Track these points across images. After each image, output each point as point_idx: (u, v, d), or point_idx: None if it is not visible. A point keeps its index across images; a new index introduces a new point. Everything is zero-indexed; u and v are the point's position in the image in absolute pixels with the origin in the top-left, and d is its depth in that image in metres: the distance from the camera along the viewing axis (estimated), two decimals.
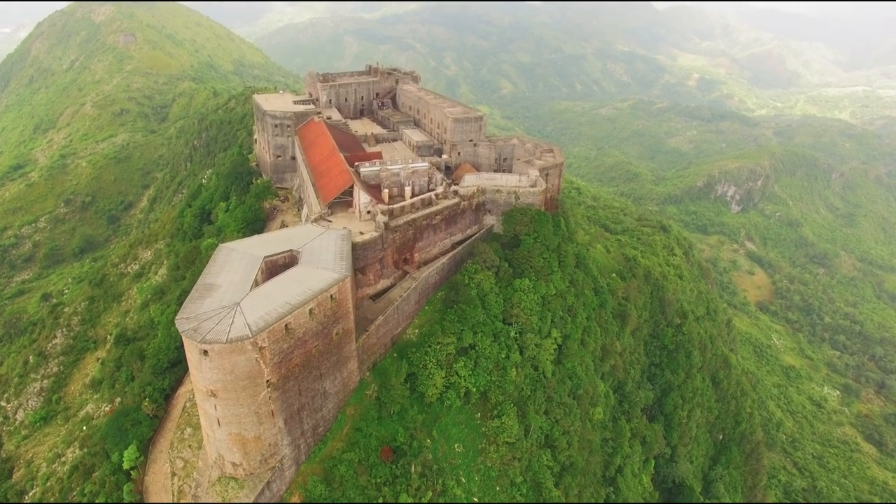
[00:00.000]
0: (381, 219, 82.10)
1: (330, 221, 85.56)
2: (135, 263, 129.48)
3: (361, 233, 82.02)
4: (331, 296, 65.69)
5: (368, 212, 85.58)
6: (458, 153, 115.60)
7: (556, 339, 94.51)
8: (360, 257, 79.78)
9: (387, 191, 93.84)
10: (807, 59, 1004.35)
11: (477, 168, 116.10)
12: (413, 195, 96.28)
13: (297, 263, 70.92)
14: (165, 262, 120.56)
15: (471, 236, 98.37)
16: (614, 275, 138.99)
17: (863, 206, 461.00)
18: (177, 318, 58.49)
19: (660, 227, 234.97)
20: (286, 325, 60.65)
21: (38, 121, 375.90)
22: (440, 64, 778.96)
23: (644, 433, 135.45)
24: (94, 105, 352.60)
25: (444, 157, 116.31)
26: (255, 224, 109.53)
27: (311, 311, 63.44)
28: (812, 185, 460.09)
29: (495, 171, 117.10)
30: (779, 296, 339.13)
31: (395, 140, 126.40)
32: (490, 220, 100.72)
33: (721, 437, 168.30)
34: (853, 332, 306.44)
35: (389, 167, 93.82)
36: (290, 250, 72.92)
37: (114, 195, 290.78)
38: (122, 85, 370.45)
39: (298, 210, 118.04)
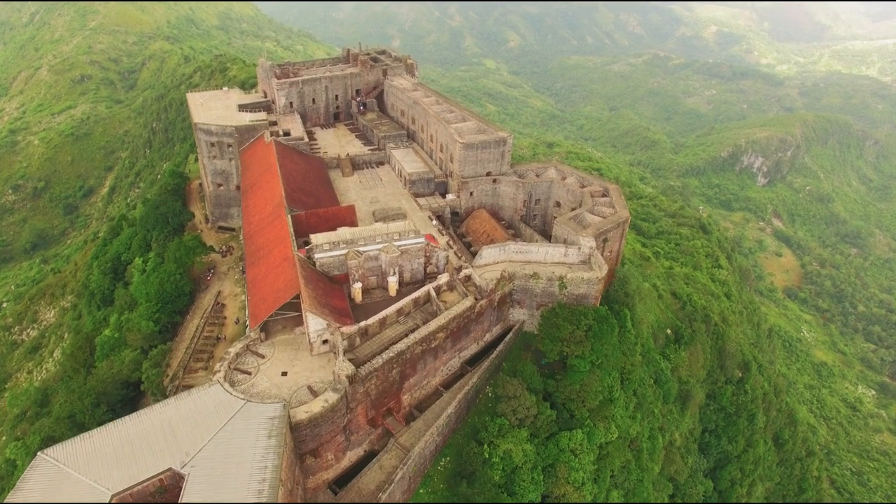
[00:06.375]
0: (344, 367, 48.15)
1: (262, 357, 51.86)
2: (33, 328, 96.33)
3: (311, 390, 48.42)
4: None
5: (325, 341, 51.90)
6: (471, 193, 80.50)
7: None
8: (310, 437, 46.59)
9: (359, 285, 59.75)
10: (835, 11, 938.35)
11: (496, 214, 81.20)
12: (401, 285, 62.29)
13: (179, 498, 37.93)
14: (66, 336, 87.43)
15: (490, 344, 64.63)
16: (669, 331, 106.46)
17: None
18: None
19: (699, 227, 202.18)
20: None
21: None
22: (444, 14, 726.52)
23: None
24: (50, 70, 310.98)
25: (451, 197, 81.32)
26: (178, 302, 75.26)
27: None
28: (844, 155, 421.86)
29: (523, 217, 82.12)
30: (808, 281, 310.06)
31: (379, 164, 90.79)
32: (519, 314, 66.42)
33: None
34: (889, 323, 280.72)
35: (363, 249, 59.10)
36: (170, 468, 39.69)
37: (71, 179, 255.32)
38: (84, 45, 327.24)
39: (243, 272, 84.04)
